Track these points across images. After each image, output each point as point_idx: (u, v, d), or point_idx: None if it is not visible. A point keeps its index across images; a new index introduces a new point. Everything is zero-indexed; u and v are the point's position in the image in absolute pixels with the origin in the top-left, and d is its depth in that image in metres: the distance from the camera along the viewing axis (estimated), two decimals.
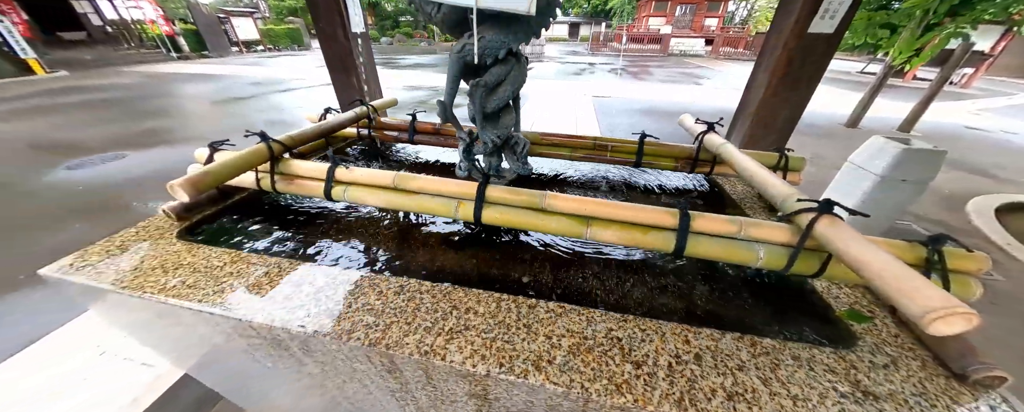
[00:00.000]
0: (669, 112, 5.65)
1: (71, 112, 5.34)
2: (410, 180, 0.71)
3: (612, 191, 0.98)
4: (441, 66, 11.71)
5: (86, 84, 7.75)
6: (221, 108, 5.73)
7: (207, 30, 13.71)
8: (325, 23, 1.93)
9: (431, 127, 1.14)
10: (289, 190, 0.77)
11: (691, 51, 19.06)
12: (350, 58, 2.01)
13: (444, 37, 25.56)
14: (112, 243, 0.71)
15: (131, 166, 3.33)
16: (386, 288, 0.59)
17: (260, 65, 11.33)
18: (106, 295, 0.63)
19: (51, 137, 4.17)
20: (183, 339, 0.71)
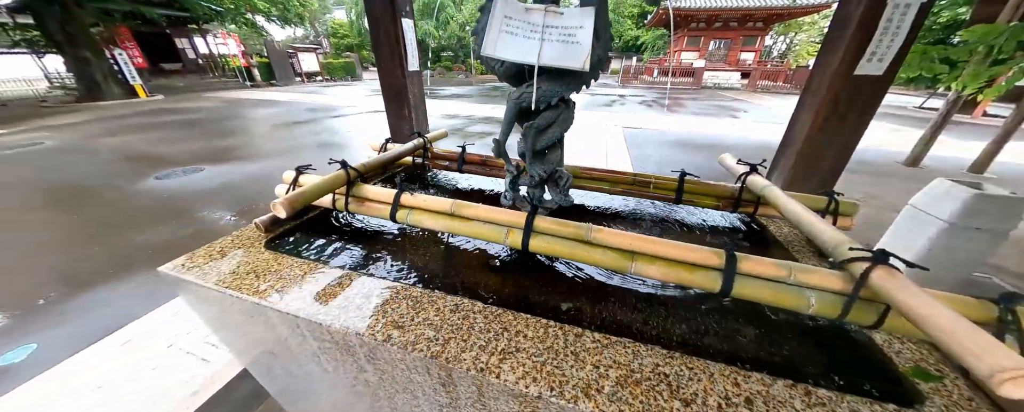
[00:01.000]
0: (704, 145, 5.56)
1: (163, 130, 6.24)
2: (465, 207, 0.79)
3: (654, 226, 1.00)
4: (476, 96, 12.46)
5: (176, 107, 9.08)
6: (282, 130, 6.44)
7: (277, 63, 15.76)
8: (386, 62, 2.19)
9: (478, 158, 1.24)
10: (359, 211, 0.88)
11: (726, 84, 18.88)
12: (404, 93, 2.25)
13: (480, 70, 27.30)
14: (214, 249, 0.84)
15: (206, 179, 3.79)
16: (443, 305, 0.65)
17: (318, 93, 12.69)
18: (205, 292, 0.74)
19: (146, 151, 4.89)
20: (259, 338, 0.80)
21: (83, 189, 3.52)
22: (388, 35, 2.08)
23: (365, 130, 6.49)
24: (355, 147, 5.27)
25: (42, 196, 3.36)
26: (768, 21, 20.04)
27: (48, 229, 2.72)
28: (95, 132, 6.14)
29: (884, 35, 1.49)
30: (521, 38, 0.70)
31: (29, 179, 3.81)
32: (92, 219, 2.88)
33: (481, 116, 8.08)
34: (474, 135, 6.07)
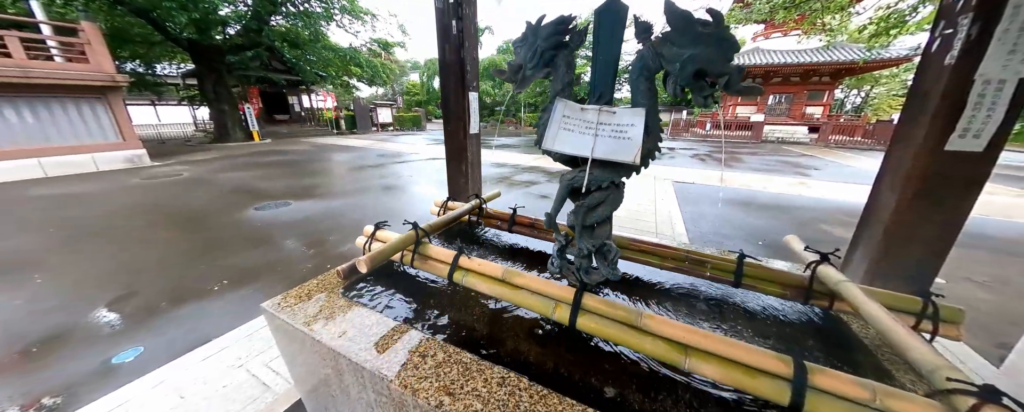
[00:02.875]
0: (770, 205, 5.12)
1: (266, 169, 7.57)
2: (516, 276, 0.85)
3: (710, 310, 0.95)
4: (523, 147, 13.23)
5: (279, 149, 11.04)
6: (355, 173, 7.40)
7: (360, 115, 18.69)
8: (452, 126, 2.52)
9: (527, 221, 1.33)
10: (422, 268, 0.99)
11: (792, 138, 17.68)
12: (465, 152, 2.52)
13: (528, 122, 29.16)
14: (303, 291, 0.99)
15: (292, 212, 4.44)
16: (490, 376, 0.68)
17: (388, 141, 14.58)
18: (291, 330, 0.86)
19: (251, 185, 5.93)
20: (324, 378, 0.89)
21: (200, 214, 4.33)
22: (457, 105, 2.42)
23: (423, 176, 7.18)
24: (412, 192, 5.81)
25: (172, 218, 4.19)
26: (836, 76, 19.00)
27: (169, 247, 3.35)
28: (218, 167, 7.68)
29: (977, 111, 1.35)
30: (577, 134, 0.81)
31: (166, 203, 4.82)
32: (202, 241, 3.49)
33: (527, 165, 8.49)
34: (520, 184, 6.34)
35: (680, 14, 0.71)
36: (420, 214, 4.47)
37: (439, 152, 11.03)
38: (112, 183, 6.19)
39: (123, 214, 4.39)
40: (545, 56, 0.84)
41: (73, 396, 1.58)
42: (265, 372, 1.65)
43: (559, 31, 0.83)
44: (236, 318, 2.14)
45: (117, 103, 7.90)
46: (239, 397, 1.50)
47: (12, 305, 2.34)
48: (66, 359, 1.84)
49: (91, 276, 2.76)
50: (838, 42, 15.87)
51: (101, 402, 1.50)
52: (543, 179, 6.81)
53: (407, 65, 43.30)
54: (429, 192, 5.75)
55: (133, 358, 1.85)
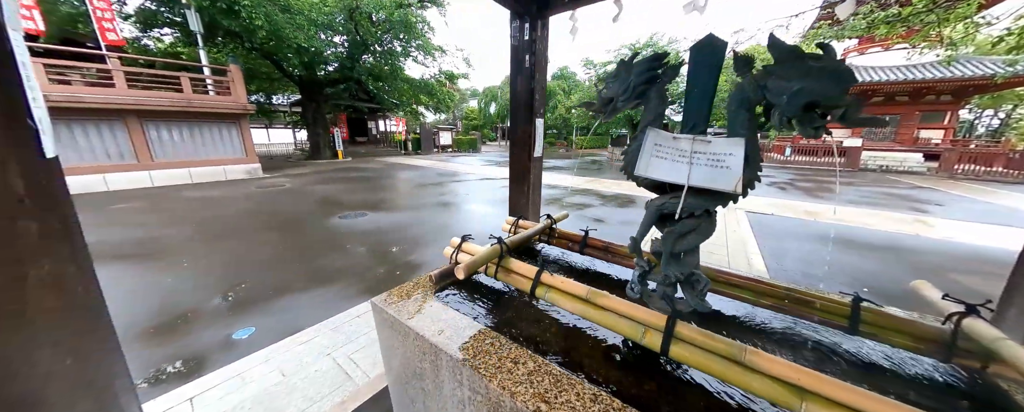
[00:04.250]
0: (875, 246, 4.32)
1: (347, 183, 8.67)
2: (600, 296, 0.88)
3: (816, 357, 0.85)
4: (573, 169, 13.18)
5: (358, 166, 12.58)
6: (419, 190, 8.08)
7: (425, 138, 20.59)
8: (518, 149, 2.68)
9: (600, 244, 1.35)
10: (505, 280, 1.07)
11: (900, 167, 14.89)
12: (527, 174, 2.65)
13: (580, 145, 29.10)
14: (403, 291, 1.13)
15: (367, 222, 4.99)
16: (582, 392, 0.70)
17: (447, 161, 15.73)
18: (396, 323, 0.99)
19: (335, 197, 6.82)
20: (418, 371, 0.99)
21: (297, 220, 5.10)
22: (524, 130, 2.59)
23: (476, 195, 7.55)
24: (466, 209, 6.14)
25: (276, 221, 5.00)
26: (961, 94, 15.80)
27: (274, 245, 3.98)
28: (311, 180, 9.01)
29: None
30: (670, 161, 0.84)
31: (273, 208, 5.78)
32: (298, 242, 4.10)
33: (579, 188, 8.43)
34: (572, 206, 6.30)
35: (785, 48, 0.73)
36: (474, 229, 4.69)
37: (491, 173, 11.55)
38: (236, 190, 7.64)
39: (242, 215, 5.38)
40: (637, 90, 0.90)
41: (208, 360, 1.94)
42: (348, 363, 1.84)
43: (652, 67, 0.89)
44: (323, 312, 2.45)
45: (245, 126, 9.88)
46: (327, 382, 1.70)
47: (166, 283, 2.98)
48: (202, 329, 2.27)
49: (219, 263, 3.40)
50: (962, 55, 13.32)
51: (226, 369, 1.82)
52: (596, 202, 6.68)
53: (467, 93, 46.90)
54: (480, 209, 6.02)
55: (247, 336, 2.21)
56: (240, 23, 9.79)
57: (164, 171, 8.35)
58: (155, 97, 8.08)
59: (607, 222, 5.07)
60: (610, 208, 6.09)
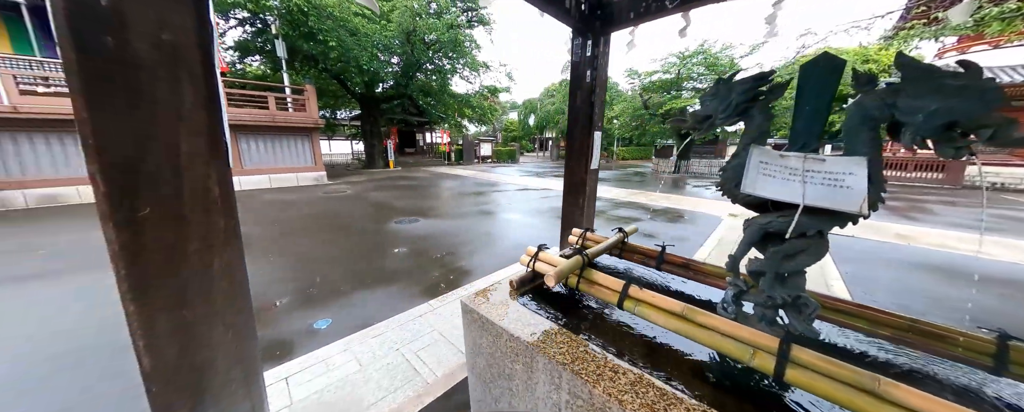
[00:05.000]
0: (994, 278, 3.63)
1: (399, 191, 9.29)
2: (699, 314, 0.87)
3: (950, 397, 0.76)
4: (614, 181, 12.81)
5: (406, 175, 13.45)
6: (462, 198, 8.41)
7: (466, 149, 21.48)
8: (574, 162, 2.71)
9: (680, 260, 1.32)
10: (588, 291, 1.10)
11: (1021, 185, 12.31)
12: (583, 187, 2.67)
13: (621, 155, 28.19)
14: (486, 293, 1.21)
15: (420, 228, 5.30)
16: (691, 407, 0.70)
17: (487, 172, 16.20)
18: (484, 321, 1.06)
19: (390, 203, 7.35)
20: (510, 371, 1.05)
21: (359, 222, 5.58)
22: (582, 143, 2.63)
23: (515, 205, 7.65)
24: (505, 218, 6.24)
25: (341, 223, 5.52)
26: None
27: (340, 244, 4.39)
28: (368, 187, 9.81)
29: None
30: (780, 180, 0.83)
31: (337, 211, 6.38)
32: (361, 243, 4.47)
33: (623, 200, 8.17)
34: (617, 219, 6.13)
35: (918, 66, 0.70)
36: (517, 239, 4.76)
37: (529, 183, 11.64)
38: (306, 194, 8.57)
39: (314, 217, 6.01)
40: (739, 107, 0.91)
41: (296, 345, 2.19)
42: (415, 359, 1.97)
43: (757, 85, 0.89)
44: (388, 309, 2.64)
45: (315, 139, 11.11)
46: (399, 375, 1.82)
47: (256, 274, 3.41)
48: (288, 318, 2.56)
49: (298, 259, 3.83)
50: None
51: (311, 355, 2.03)
52: (643, 216, 6.43)
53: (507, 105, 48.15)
54: (521, 220, 6.08)
55: (326, 326, 2.46)
56: (317, 47, 11.21)
57: (251, 177, 9.64)
58: (247, 114, 9.45)
59: (658, 237, 4.85)
60: (659, 223, 5.82)
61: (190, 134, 0.87)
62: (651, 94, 15.48)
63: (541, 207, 7.24)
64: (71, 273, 3.41)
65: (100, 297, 2.88)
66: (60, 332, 2.35)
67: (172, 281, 0.89)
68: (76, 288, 3.06)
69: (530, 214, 6.52)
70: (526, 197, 8.56)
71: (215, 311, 0.99)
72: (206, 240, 0.93)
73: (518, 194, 9.11)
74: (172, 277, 0.89)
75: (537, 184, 11.38)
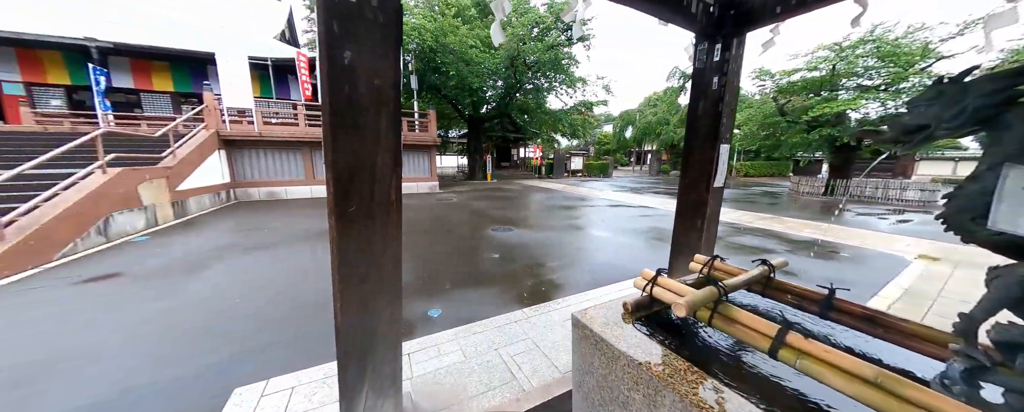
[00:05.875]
0: None
1: (495, 201, 10.03)
2: (904, 386, 0.65)
3: None
4: (734, 201, 10.77)
5: (501, 187, 14.42)
6: (552, 211, 8.47)
7: (557, 163, 21.72)
8: (692, 177, 2.43)
9: (860, 309, 1.02)
10: (726, 330, 0.96)
11: None
12: (703, 207, 2.35)
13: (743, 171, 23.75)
14: (598, 311, 1.19)
15: (515, 237, 5.59)
16: None
17: (577, 186, 15.96)
18: (597, 339, 1.03)
19: (487, 212, 7.99)
20: (625, 398, 1.00)
21: (464, 227, 6.24)
22: (703, 157, 2.34)
23: (606, 222, 7.23)
24: (598, 236, 5.94)
25: (450, 227, 6.27)
26: None
27: (448, 246, 4.97)
28: (470, 197, 10.93)
29: None
30: None
31: (447, 216, 7.29)
32: (465, 247, 4.98)
33: (747, 225, 6.80)
34: (742, 249, 5.13)
35: None
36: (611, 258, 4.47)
37: (623, 199, 10.86)
38: (422, 201, 10.10)
39: (427, 219, 7.02)
40: (980, 114, 0.67)
41: (415, 328, 2.57)
42: (511, 363, 2.05)
43: (1015, 83, 0.65)
44: (487, 310, 2.84)
45: (432, 154, 13.06)
46: (497, 375, 1.93)
47: None
48: (409, 304, 3.03)
49: (413, 254, 4.51)
50: None
51: (426, 338, 2.35)
52: (778, 247, 5.20)
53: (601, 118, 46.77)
54: (614, 238, 5.69)
55: (437, 316, 2.81)
56: (440, 78, 13.36)
57: None
58: None
59: (802, 276, 3.85)
60: (804, 259, 4.61)
61: (384, 152, 1.15)
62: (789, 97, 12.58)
63: (637, 226, 6.68)
64: (282, 245, 4.86)
65: (295, 262, 4.01)
66: (277, 285, 3.36)
67: (362, 261, 1.18)
68: (284, 254, 4.35)
69: (624, 233, 6.09)
70: (620, 214, 8.05)
71: (382, 289, 1.25)
72: (384, 233, 1.21)
73: (611, 210, 8.65)
74: (362, 259, 1.18)
75: (633, 200, 10.57)
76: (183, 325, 2.64)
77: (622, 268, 3.98)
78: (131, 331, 2.54)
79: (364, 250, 1.17)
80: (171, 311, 2.88)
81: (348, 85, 1.05)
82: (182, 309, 2.93)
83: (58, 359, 2.17)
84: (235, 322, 2.69)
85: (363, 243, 1.16)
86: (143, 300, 3.09)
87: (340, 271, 1.13)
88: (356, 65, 1.05)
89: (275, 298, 3.14)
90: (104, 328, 2.58)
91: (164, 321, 2.70)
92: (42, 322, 2.69)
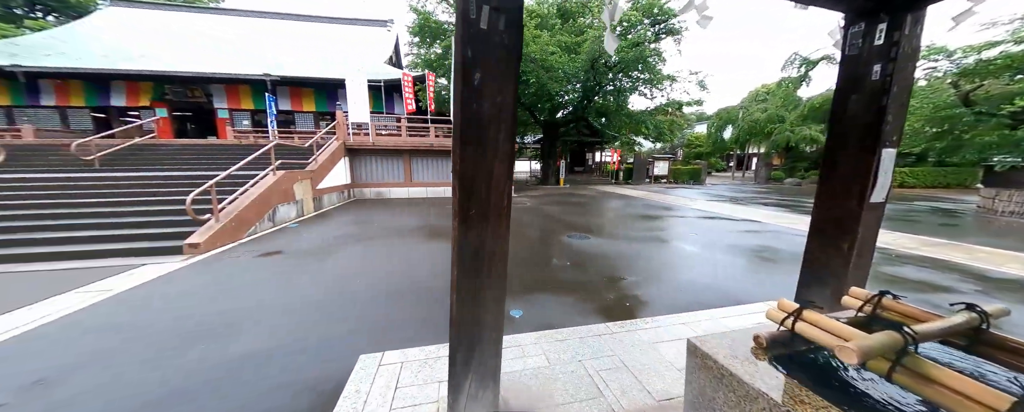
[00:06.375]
0: None
1: (569, 206, 9.87)
2: None
3: None
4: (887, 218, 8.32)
5: (575, 192, 14.13)
6: (632, 221, 7.90)
7: (637, 167, 20.22)
8: (839, 187, 1.99)
9: None
10: (918, 390, 0.75)
11: None
12: (853, 227, 1.90)
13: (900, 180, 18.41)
14: (720, 342, 1.06)
15: (592, 245, 5.41)
16: None
17: (661, 193, 14.57)
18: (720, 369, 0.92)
19: (561, 217, 7.91)
20: None
21: (538, 232, 6.32)
22: (855, 164, 1.90)
23: (699, 235, 6.36)
24: (686, 250, 5.27)
25: (525, 229, 6.43)
26: None
27: (524, 250, 5.09)
28: (543, 202, 11.02)
29: None
30: None
31: (521, 220, 7.50)
32: (541, 251, 5.03)
33: (909, 252, 5.19)
34: (905, 285, 3.94)
35: None
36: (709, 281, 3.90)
37: (720, 210, 9.41)
38: None
39: None
40: None
41: None
42: (598, 378, 1.98)
43: None
44: (566, 318, 2.81)
45: None
46: (582, 387, 1.89)
47: None
48: None
49: None
50: None
51: (511, 337, 2.44)
52: (963, 286, 3.83)
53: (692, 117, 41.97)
54: (704, 254, 4.97)
55: (518, 316, 2.90)
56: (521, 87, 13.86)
57: None
58: None
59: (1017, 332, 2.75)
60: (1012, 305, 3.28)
61: (500, 162, 1.25)
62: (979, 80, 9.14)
63: (740, 243, 5.73)
64: (388, 238, 5.69)
65: (397, 253, 4.64)
66: (385, 271, 3.94)
67: (476, 259, 1.30)
68: (389, 245, 5.08)
69: (722, 250, 5.30)
70: (717, 228, 7.04)
71: (490, 285, 1.36)
72: (495, 235, 1.31)
73: (704, 223, 7.64)
74: (476, 256, 1.30)
75: (734, 212, 9.12)
76: (320, 294, 3.33)
77: (721, 291, 3.47)
78: (289, 295, 3.32)
79: (479, 249, 1.29)
80: (313, 283, 3.65)
81: (476, 103, 1.18)
82: (320, 282, 3.69)
83: (247, 310, 2.97)
84: (356, 297, 3.27)
85: (478, 242, 1.28)
86: (296, 273, 4.00)
87: (460, 266, 1.27)
88: (483, 84, 1.17)
89: (385, 282, 3.69)
90: (272, 292, 3.43)
91: (309, 290, 3.46)
92: (238, 282, 3.70)
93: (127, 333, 2.61)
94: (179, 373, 2.10)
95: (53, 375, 2.07)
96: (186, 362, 2.21)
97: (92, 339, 2.52)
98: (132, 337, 2.54)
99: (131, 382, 2.01)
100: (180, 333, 2.59)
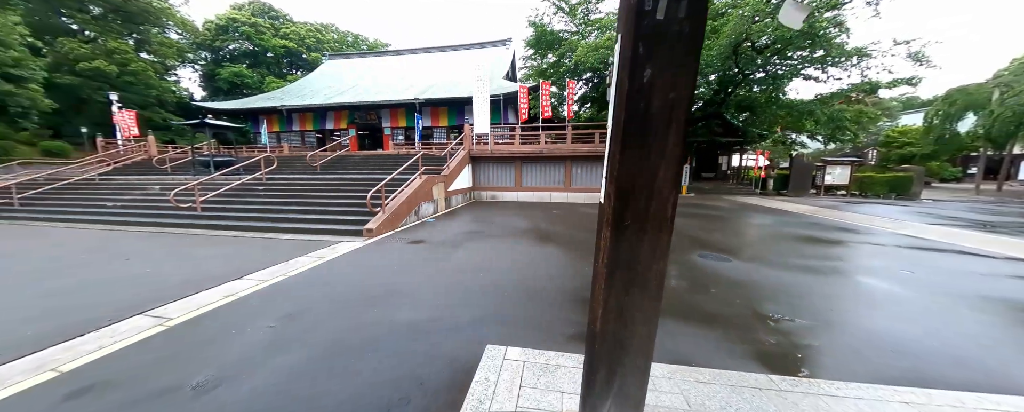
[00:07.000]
0: None
1: (697, 220, 8.43)
2: None
3: None
4: None
5: (703, 203, 12.02)
6: (795, 244, 6.08)
7: (797, 173, 15.66)
8: None
9: None
10: None
11: None
12: None
13: None
14: None
15: (731, 270, 4.43)
16: None
17: (835, 208, 10.83)
18: None
19: (688, 231, 6.81)
20: None
21: None
22: None
23: (914, 276, 4.28)
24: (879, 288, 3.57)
25: None
26: None
27: None
28: None
29: None
30: None
31: None
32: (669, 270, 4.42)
33: None
34: None
35: None
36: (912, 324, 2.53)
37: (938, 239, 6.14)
38: None
39: None
40: None
41: None
42: None
43: None
44: (707, 356, 2.34)
45: None
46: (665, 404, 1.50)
47: (586, 276, 4.29)
48: None
49: None
50: None
51: None
52: None
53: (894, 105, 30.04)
54: (906, 295, 3.26)
55: None
56: None
57: (577, 194, 12.77)
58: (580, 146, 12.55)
59: None
60: None
61: (666, 167, 1.10)
62: None
63: (994, 292, 3.62)
64: (504, 237, 6.15)
65: (513, 253, 4.92)
66: (506, 267, 4.23)
67: (626, 275, 1.19)
68: (506, 245, 5.46)
69: (955, 297, 3.46)
70: (942, 266, 4.70)
71: (642, 304, 1.21)
72: (653, 249, 1.16)
73: (914, 254, 5.26)
74: (627, 272, 1.18)
75: (982, 245, 5.87)
76: (453, 281, 3.85)
77: (967, 363, 2.25)
78: (432, 278, 3.96)
79: (632, 263, 1.17)
80: (448, 270, 4.27)
81: (644, 102, 1.06)
82: (453, 270, 4.28)
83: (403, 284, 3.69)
84: (483, 289, 3.62)
85: (631, 256, 1.16)
86: (435, 259, 4.75)
87: (607, 280, 1.18)
88: (654, 82, 1.05)
89: (505, 277, 3.98)
90: (419, 274, 4.14)
91: (445, 276, 4.07)
92: (396, 262, 4.65)
93: (335, 288, 3.65)
94: (363, 325, 2.77)
95: (296, 311, 3.06)
96: (367, 318, 2.92)
97: (316, 290, 3.60)
98: (335, 295, 3.51)
99: (337, 328, 2.76)
100: (363, 295, 3.46)
